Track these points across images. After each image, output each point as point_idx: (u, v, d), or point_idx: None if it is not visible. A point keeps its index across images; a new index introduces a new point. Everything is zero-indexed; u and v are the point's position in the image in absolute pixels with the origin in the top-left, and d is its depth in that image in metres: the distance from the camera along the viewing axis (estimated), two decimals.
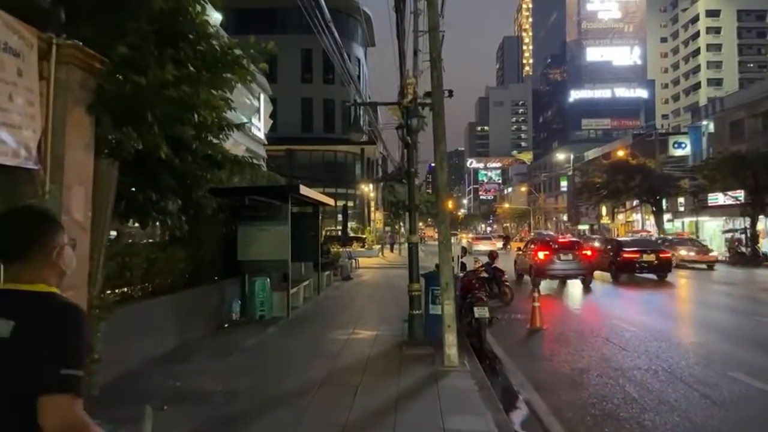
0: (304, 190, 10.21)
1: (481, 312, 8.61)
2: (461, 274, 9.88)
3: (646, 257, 18.86)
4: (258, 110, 23.63)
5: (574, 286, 17.50)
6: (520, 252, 20.62)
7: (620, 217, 56.78)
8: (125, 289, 7.08)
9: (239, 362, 7.19)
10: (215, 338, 8.64)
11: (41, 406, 1.23)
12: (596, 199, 50.17)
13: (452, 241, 8.53)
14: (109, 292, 6.42)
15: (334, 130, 46.18)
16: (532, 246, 18.92)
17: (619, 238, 25.93)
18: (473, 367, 6.91)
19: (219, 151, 8.94)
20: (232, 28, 37.42)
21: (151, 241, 9.18)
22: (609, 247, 21.03)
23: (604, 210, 57.22)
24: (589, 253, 17.97)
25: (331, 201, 14.25)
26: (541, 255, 17.32)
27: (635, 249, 19.38)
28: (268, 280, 10.43)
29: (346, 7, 44.86)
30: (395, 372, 6.53)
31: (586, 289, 16.89)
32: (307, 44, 46.24)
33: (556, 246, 17.88)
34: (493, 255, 13.22)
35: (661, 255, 19.10)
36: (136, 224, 8.65)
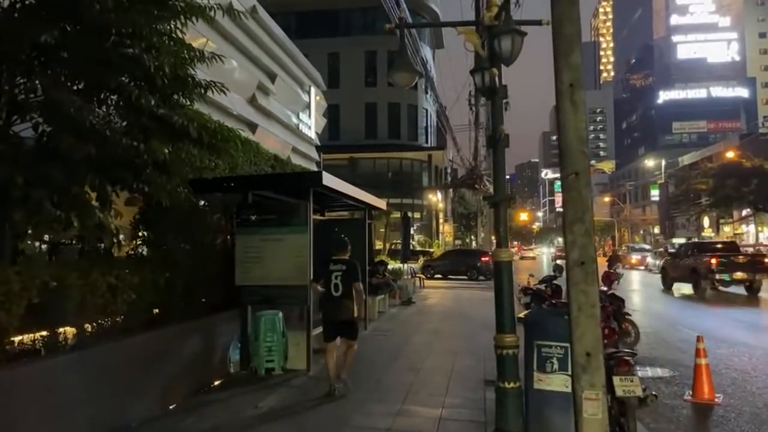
0: (329, 180, 6.77)
1: (627, 387, 4.80)
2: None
3: None
4: (308, 105, 20.66)
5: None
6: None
7: (726, 228, 49.76)
8: None
9: None
10: (172, 419, 5.30)
11: (354, 286, 6.06)
12: (698, 209, 43.97)
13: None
14: None
15: (400, 136, 42.98)
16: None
17: None
18: None
19: (187, 117, 5.67)
20: (294, 31, 35.27)
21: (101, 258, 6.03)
22: None
23: (706, 221, 50.36)
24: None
25: (381, 203, 10.77)
26: None
27: None
28: (281, 315, 7.06)
29: (413, 4, 41.59)
30: None
31: None
32: (371, 46, 43.55)
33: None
34: (610, 277, 9.24)
35: None
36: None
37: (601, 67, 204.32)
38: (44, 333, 4.54)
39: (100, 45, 4.72)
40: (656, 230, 69.81)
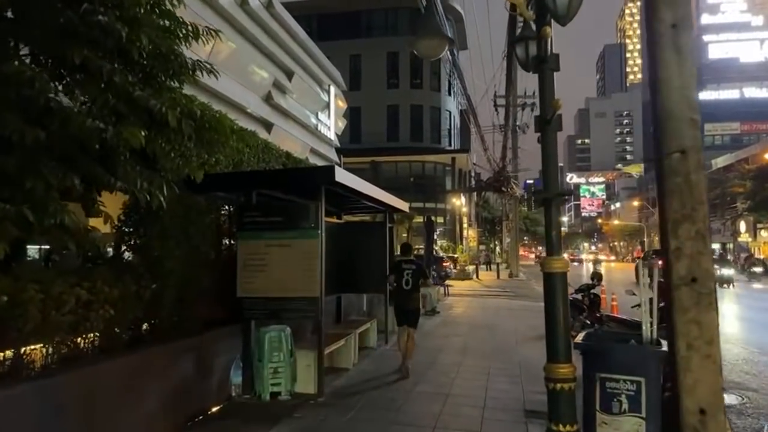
0: (342, 176, 5.87)
1: None
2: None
3: None
4: (327, 105, 19.87)
5: None
6: None
7: (764, 233, 47.57)
8: None
9: None
10: None
11: (422, 281, 7.47)
12: (734, 213, 42.09)
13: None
14: None
15: (422, 139, 42.05)
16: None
17: None
18: None
19: (171, 101, 4.79)
20: (316, 33, 34.68)
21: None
22: None
23: (743, 226, 48.23)
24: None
25: (402, 204, 9.83)
26: None
27: None
28: (289, 331, 6.17)
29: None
30: None
31: None
32: (393, 47, 42.80)
33: None
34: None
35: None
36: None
37: (628, 69, 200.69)
38: None
39: (63, 12, 3.92)
40: None
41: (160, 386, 5.06)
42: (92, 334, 4.61)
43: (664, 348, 3.87)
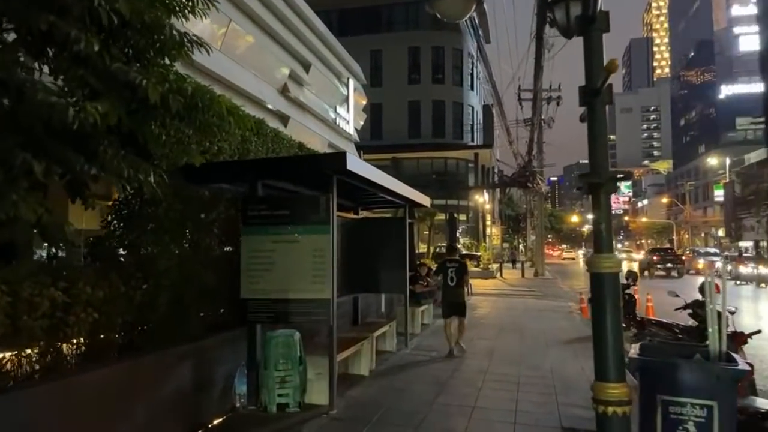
0: (355, 164, 5.27)
1: None
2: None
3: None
4: (346, 99, 19.33)
5: None
6: None
7: None
8: None
9: None
10: None
11: (464, 278, 8.57)
12: None
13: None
14: None
15: (444, 135, 41.28)
16: None
17: None
18: None
19: (157, 77, 4.20)
20: (336, 29, 34.23)
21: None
22: None
23: None
24: None
25: (423, 198, 9.21)
26: None
27: None
28: (298, 335, 5.62)
29: None
30: None
31: None
32: (415, 42, 42.16)
33: None
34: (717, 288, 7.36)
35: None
36: None
37: (655, 64, 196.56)
38: None
39: None
40: (720, 233, 65.42)
41: (154, 397, 4.56)
42: (75, 341, 4.13)
43: (740, 366, 3.21)
